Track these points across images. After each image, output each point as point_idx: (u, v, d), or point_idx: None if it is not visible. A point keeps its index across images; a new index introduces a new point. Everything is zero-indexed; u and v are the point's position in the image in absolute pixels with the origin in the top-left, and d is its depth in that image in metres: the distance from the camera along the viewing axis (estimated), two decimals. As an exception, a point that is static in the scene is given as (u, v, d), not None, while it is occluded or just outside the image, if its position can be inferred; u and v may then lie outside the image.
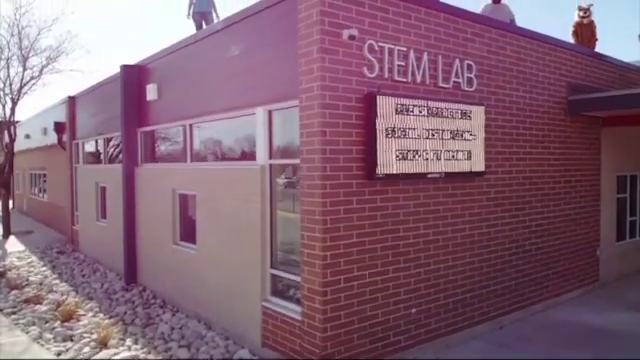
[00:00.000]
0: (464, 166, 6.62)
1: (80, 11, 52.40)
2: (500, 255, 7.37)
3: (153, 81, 9.54)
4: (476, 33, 6.92)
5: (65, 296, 9.53)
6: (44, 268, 12.14)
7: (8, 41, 17.51)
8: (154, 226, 9.48)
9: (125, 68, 10.19)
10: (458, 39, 6.66)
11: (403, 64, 6.00)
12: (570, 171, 8.68)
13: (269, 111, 6.50)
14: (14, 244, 15.62)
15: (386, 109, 5.68)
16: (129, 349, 6.90)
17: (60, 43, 18.98)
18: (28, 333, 7.55)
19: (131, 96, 10.10)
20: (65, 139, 15.54)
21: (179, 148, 9.11)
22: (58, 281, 10.78)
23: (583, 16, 10.49)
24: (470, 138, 6.64)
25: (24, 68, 17.60)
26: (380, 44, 5.77)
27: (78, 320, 8.08)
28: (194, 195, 8.16)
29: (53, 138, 16.15)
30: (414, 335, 6.25)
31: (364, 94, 5.63)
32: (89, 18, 53.35)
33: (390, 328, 5.99)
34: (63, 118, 15.52)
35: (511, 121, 7.49)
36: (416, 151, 6.02)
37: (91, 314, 8.43)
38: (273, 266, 6.53)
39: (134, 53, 73.40)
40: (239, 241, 6.93)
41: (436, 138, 6.23)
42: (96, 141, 13.37)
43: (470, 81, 6.79)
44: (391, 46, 5.87)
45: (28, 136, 20.86)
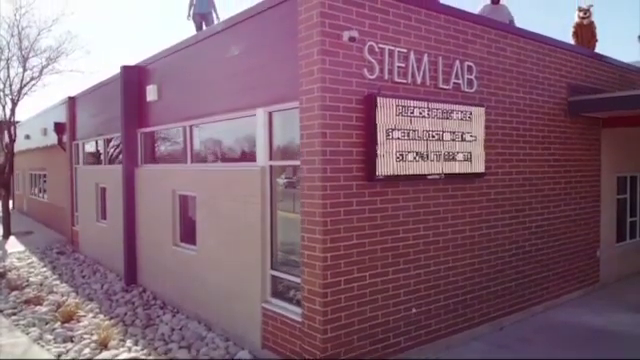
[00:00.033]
0: (464, 167, 6.62)
1: (80, 12, 52.41)
2: (500, 256, 7.38)
3: (153, 82, 9.54)
4: (476, 34, 6.92)
5: (65, 297, 9.53)
6: (44, 269, 12.14)
7: (8, 42, 17.58)
8: (154, 227, 9.48)
9: (125, 69, 10.19)
10: (458, 40, 6.66)
11: (403, 65, 6.00)
12: (570, 172, 8.68)
13: (269, 112, 6.51)
14: (14, 244, 15.63)
15: (386, 110, 5.68)
16: (129, 350, 6.90)
17: (60, 44, 19.06)
18: (28, 334, 7.56)
19: (131, 97, 10.10)
20: (65, 140, 15.54)
21: (179, 149, 9.11)
22: (58, 282, 10.79)
23: (583, 17, 10.49)
24: (470, 139, 6.65)
25: (24, 69, 17.66)
26: (380, 45, 5.77)
27: (78, 321, 8.08)
28: (194, 196, 8.16)
29: (53, 138, 16.15)
30: (414, 336, 6.25)
31: (364, 95, 5.63)
32: (89, 18, 53.41)
33: (390, 329, 5.99)
34: (63, 119, 15.52)
35: (511, 122, 7.50)
36: (416, 152, 6.02)
37: (91, 315, 8.44)
38: (273, 267, 6.53)
39: (134, 54, 73.40)
40: (239, 242, 6.93)
41: (436, 139, 6.23)
42: (96, 142, 13.38)
43: (470, 82, 6.79)
44: (391, 47, 5.87)
45: (28, 136, 20.87)
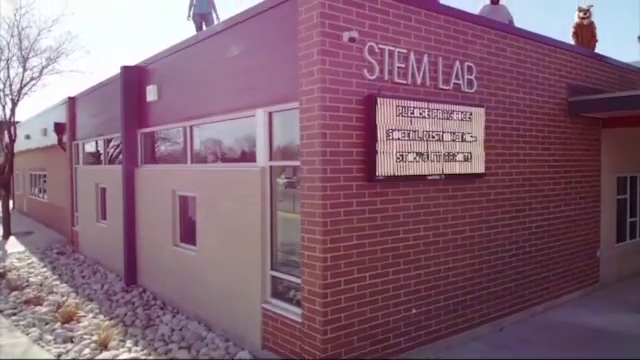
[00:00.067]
0: (464, 168, 6.62)
1: (80, 12, 52.43)
2: (500, 257, 7.38)
3: (153, 82, 9.54)
4: (476, 35, 6.92)
5: (65, 297, 9.53)
6: (44, 269, 12.14)
7: (8, 42, 17.57)
8: (154, 227, 9.48)
9: (125, 69, 10.19)
10: (458, 41, 6.66)
11: (403, 66, 6.00)
12: (570, 172, 8.68)
13: (269, 113, 6.51)
14: (14, 245, 15.63)
15: (386, 111, 5.68)
16: (129, 351, 6.90)
17: (60, 44, 19.04)
18: (28, 334, 7.56)
19: (131, 97, 10.10)
20: (65, 140, 15.54)
21: (179, 149, 9.11)
22: (58, 282, 10.79)
23: (583, 17, 10.50)
24: (470, 140, 6.65)
25: (24, 69, 17.65)
26: (380, 46, 5.77)
27: (78, 321, 8.08)
28: (194, 196, 8.16)
29: (53, 139, 16.15)
30: (414, 337, 6.25)
31: (364, 96, 5.63)
32: (89, 19, 53.41)
33: (390, 330, 5.99)
34: (63, 119, 15.52)
35: (511, 123, 7.50)
36: (416, 153, 6.02)
37: (91, 315, 8.43)
38: (273, 268, 6.53)
39: (134, 54, 73.46)
40: (239, 243, 6.93)
41: (436, 140, 6.23)
42: (96, 142, 13.38)
43: (470, 83, 6.79)
44: (391, 48, 5.87)
45: (28, 137, 20.87)
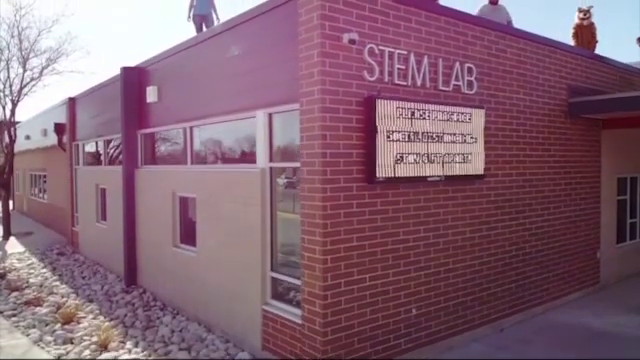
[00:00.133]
0: (464, 169, 6.61)
1: (80, 12, 52.40)
2: (500, 258, 7.38)
3: (153, 83, 9.54)
4: (476, 36, 6.92)
5: (65, 298, 9.53)
6: (44, 270, 12.14)
7: (8, 42, 17.59)
8: (154, 228, 9.48)
9: (125, 70, 10.19)
10: (459, 42, 6.66)
11: (403, 67, 6.00)
12: (570, 173, 8.68)
13: (269, 114, 6.50)
14: (14, 245, 15.62)
15: (386, 112, 5.68)
16: (129, 352, 6.90)
17: (60, 44, 19.10)
18: (28, 336, 7.56)
19: (131, 98, 10.10)
20: (65, 140, 15.53)
21: (179, 150, 9.11)
22: (58, 283, 10.79)
23: (583, 18, 10.50)
24: (470, 141, 6.64)
25: (24, 69, 17.67)
26: (380, 47, 5.77)
27: (78, 323, 8.08)
28: (194, 197, 8.16)
29: (53, 139, 16.14)
30: (414, 338, 6.25)
31: (364, 97, 5.62)
32: (89, 19, 53.41)
33: (390, 331, 5.99)
34: (63, 119, 15.51)
35: (511, 124, 7.50)
36: (416, 154, 6.01)
37: (91, 316, 8.43)
38: (273, 269, 6.53)
39: (134, 55, 73.53)
40: (239, 244, 6.93)
41: (436, 141, 6.23)
42: (96, 143, 13.38)
43: (470, 84, 6.79)
44: (391, 49, 5.87)
45: (28, 137, 20.87)
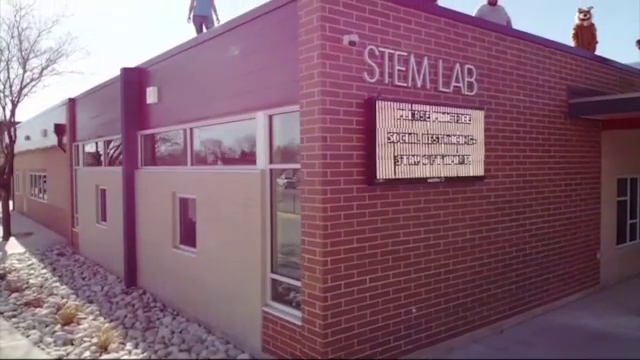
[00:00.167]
0: (464, 170, 6.61)
1: (80, 13, 52.38)
2: (500, 259, 7.38)
3: (153, 84, 9.54)
4: (476, 37, 6.92)
5: (65, 299, 9.53)
6: (44, 270, 12.13)
7: (8, 43, 17.59)
8: (154, 229, 9.48)
9: (125, 71, 10.18)
10: (459, 43, 6.65)
11: (403, 69, 6.00)
12: (570, 174, 8.68)
13: (269, 116, 6.50)
14: (14, 246, 15.62)
15: (386, 114, 5.68)
16: (129, 353, 6.90)
17: (60, 45, 19.09)
18: (28, 337, 7.56)
19: (131, 99, 10.10)
20: (65, 141, 15.53)
21: (179, 151, 9.11)
22: (58, 284, 10.79)
23: (583, 19, 10.51)
24: (470, 142, 6.64)
25: (24, 70, 17.67)
26: (380, 49, 5.77)
27: (78, 324, 8.09)
28: (194, 198, 8.16)
29: (53, 140, 16.14)
30: (414, 339, 6.25)
31: (364, 99, 5.62)
32: (89, 20, 53.38)
33: (390, 333, 5.99)
34: (63, 120, 15.51)
35: (511, 125, 7.50)
36: (416, 156, 6.01)
37: (91, 317, 8.43)
38: (274, 270, 6.53)
39: (134, 55, 73.54)
40: (239, 245, 6.93)
41: (436, 143, 6.23)
42: (96, 143, 13.37)
43: (470, 85, 6.79)
44: (391, 51, 5.87)
45: (28, 137, 20.85)
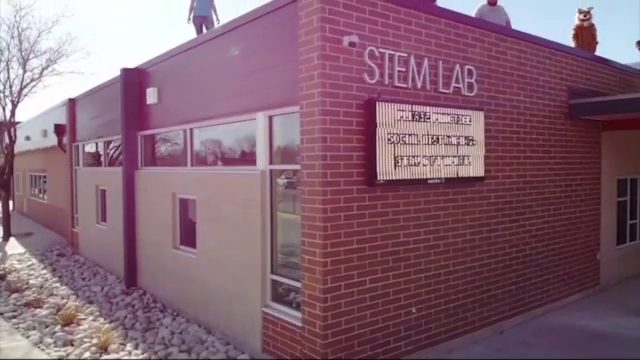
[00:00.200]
0: (465, 171, 6.61)
1: (80, 13, 52.36)
2: (501, 260, 7.37)
3: (153, 84, 9.54)
4: (476, 38, 6.91)
5: (65, 300, 9.53)
6: (44, 271, 12.13)
7: (8, 43, 17.58)
8: (154, 229, 9.48)
9: (125, 71, 10.18)
10: (459, 44, 6.65)
11: (403, 70, 6.00)
12: (571, 175, 8.68)
13: (269, 116, 6.50)
14: (14, 246, 15.62)
15: (386, 115, 5.68)
16: (129, 354, 6.90)
17: (60, 45, 19.09)
18: (28, 337, 7.55)
19: (131, 99, 10.09)
20: (65, 141, 15.53)
21: (179, 152, 9.10)
22: (58, 284, 10.79)
23: (583, 19, 10.51)
24: (470, 143, 6.64)
25: (24, 70, 17.66)
26: (381, 50, 5.77)
27: (78, 324, 8.09)
28: (194, 199, 8.16)
29: (53, 140, 16.14)
30: (414, 340, 6.24)
31: (364, 100, 5.62)
32: (89, 20, 53.38)
33: (390, 334, 5.99)
34: (63, 120, 15.51)
35: (511, 125, 7.49)
36: (416, 157, 6.01)
37: (91, 318, 8.43)
38: (273, 271, 6.53)
39: (134, 55, 73.56)
40: (239, 246, 6.92)
41: (437, 143, 6.23)
42: (96, 144, 13.37)
43: (471, 86, 6.79)
44: (392, 52, 5.86)
45: (28, 138, 20.85)
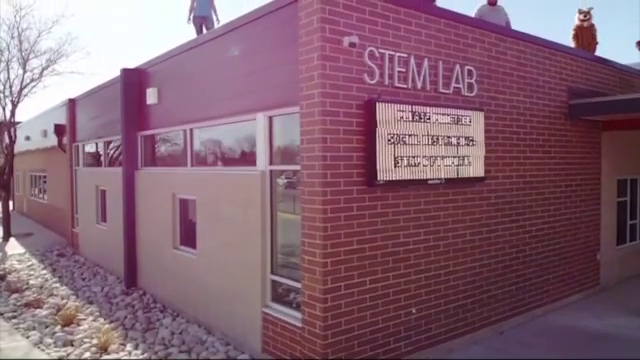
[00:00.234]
0: (465, 172, 6.61)
1: (80, 13, 52.33)
2: (501, 260, 7.37)
3: (153, 85, 9.53)
4: (476, 38, 6.91)
5: (65, 300, 9.53)
6: (44, 271, 12.13)
7: (8, 43, 17.57)
8: (154, 230, 9.48)
9: (125, 72, 10.18)
10: (459, 45, 6.65)
11: (403, 70, 5.99)
12: (571, 175, 8.68)
13: (269, 117, 6.50)
14: (14, 246, 15.62)
15: (386, 115, 5.68)
16: (129, 354, 6.90)
17: (60, 45, 19.07)
18: (28, 338, 7.55)
19: (131, 100, 10.09)
20: (65, 141, 15.53)
21: (179, 152, 9.10)
22: (58, 284, 10.79)
23: (583, 19, 10.51)
24: (470, 143, 6.64)
25: (24, 70, 17.65)
26: (380, 50, 5.77)
27: (78, 325, 8.08)
28: (194, 199, 8.16)
29: (53, 140, 16.14)
30: (415, 341, 6.24)
31: (364, 101, 5.62)
32: (89, 20, 53.35)
33: (391, 334, 5.99)
34: (63, 120, 15.51)
35: (511, 126, 7.49)
36: (416, 157, 6.01)
37: (91, 318, 8.43)
38: (273, 272, 6.53)
39: (134, 55, 73.55)
40: (239, 246, 6.92)
41: (436, 144, 6.23)
42: (96, 144, 13.38)
43: (470, 86, 6.78)
44: (392, 52, 5.86)
45: (28, 138, 20.85)
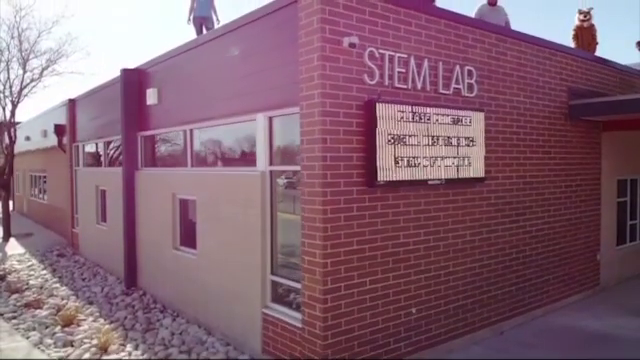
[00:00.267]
0: (465, 172, 6.61)
1: (80, 13, 52.35)
2: (501, 260, 7.37)
3: (153, 85, 9.53)
4: (477, 39, 6.91)
5: (65, 300, 9.53)
6: (44, 271, 12.13)
7: (8, 43, 17.57)
8: (154, 230, 9.48)
9: (125, 72, 10.18)
10: (459, 45, 6.65)
11: (403, 71, 6.00)
12: (571, 176, 8.68)
13: (269, 117, 6.50)
14: (14, 247, 15.61)
15: (386, 116, 5.68)
16: (129, 355, 6.90)
17: (60, 45, 19.07)
18: (28, 338, 7.55)
19: (131, 100, 10.09)
20: (65, 142, 15.53)
21: (179, 153, 9.10)
22: (58, 285, 10.78)
23: (583, 20, 10.52)
24: (470, 144, 6.64)
25: (24, 70, 17.64)
26: (381, 51, 5.77)
27: (78, 325, 8.08)
28: (194, 200, 8.16)
29: (53, 140, 16.14)
30: (415, 341, 6.24)
31: (364, 101, 5.62)
32: (89, 20, 53.36)
33: (391, 335, 5.99)
34: (63, 121, 15.51)
35: (512, 126, 7.49)
36: (416, 158, 6.01)
37: (91, 319, 8.43)
38: (274, 272, 6.53)
39: (134, 56, 73.54)
40: (239, 247, 6.92)
41: (436, 144, 6.23)
42: (96, 144, 13.38)
43: (471, 87, 6.78)
44: (392, 53, 5.86)
45: (28, 138, 20.85)
